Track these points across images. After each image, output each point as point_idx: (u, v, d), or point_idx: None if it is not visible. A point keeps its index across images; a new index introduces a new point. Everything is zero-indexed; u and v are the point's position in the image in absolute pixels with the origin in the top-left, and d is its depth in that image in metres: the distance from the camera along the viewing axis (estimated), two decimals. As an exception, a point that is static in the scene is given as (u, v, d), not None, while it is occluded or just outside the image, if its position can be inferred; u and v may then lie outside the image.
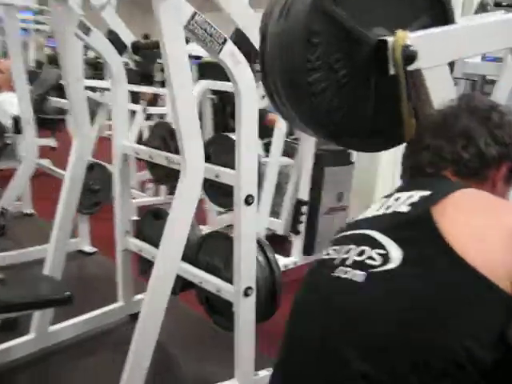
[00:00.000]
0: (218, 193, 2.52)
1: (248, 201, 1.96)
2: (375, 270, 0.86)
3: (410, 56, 1.11)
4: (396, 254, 0.85)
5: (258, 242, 2.16)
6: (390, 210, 0.95)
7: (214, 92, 3.46)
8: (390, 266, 0.84)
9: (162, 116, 4.78)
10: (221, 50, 1.77)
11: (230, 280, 2.18)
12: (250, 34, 1.79)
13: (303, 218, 3.66)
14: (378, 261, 0.86)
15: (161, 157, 2.26)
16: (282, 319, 2.39)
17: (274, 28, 1.17)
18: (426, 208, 0.89)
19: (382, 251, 0.87)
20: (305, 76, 1.12)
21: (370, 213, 1.00)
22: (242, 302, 2.05)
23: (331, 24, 1.12)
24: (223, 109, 3.65)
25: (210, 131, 3.62)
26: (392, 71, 1.12)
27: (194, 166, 1.82)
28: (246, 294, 2.05)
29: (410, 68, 1.11)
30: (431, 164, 1.03)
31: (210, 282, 2.19)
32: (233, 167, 2.01)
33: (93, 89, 3.90)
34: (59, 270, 2.40)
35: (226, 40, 1.77)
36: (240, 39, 1.81)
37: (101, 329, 2.60)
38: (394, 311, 0.82)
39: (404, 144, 1.23)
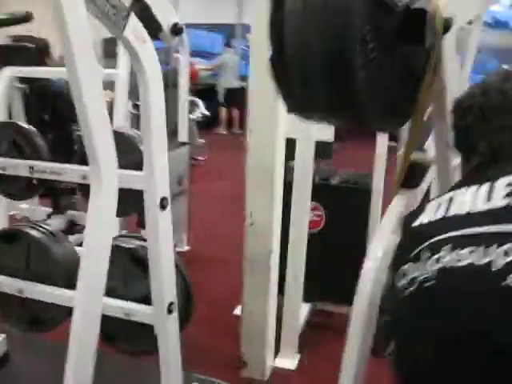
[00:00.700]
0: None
1: (163, 204, 1.67)
2: None
3: (447, 24, 1.02)
4: None
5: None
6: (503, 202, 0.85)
7: (23, 80, 2.86)
8: None
9: None
10: (125, 25, 1.43)
11: (135, 299, 1.87)
12: (155, 7, 1.49)
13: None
14: None
15: (21, 167, 1.78)
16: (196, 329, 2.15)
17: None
18: None
19: None
20: (355, 50, 0.95)
21: (473, 207, 0.88)
22: (165, 321, 1.77)
23: None
24: (36, 100, 3.05)
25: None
26: (429, 41, 1.02)
27: (109, 174, 1.45)
28: (170, 311, 1.77)
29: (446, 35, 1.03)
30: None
31: (116, 306, 1.84)
32: (125, 167, 1.69)
33: None
34: None
35: (129, 14, 1.44)
36: (140, 13, 1.48)
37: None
38: None
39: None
